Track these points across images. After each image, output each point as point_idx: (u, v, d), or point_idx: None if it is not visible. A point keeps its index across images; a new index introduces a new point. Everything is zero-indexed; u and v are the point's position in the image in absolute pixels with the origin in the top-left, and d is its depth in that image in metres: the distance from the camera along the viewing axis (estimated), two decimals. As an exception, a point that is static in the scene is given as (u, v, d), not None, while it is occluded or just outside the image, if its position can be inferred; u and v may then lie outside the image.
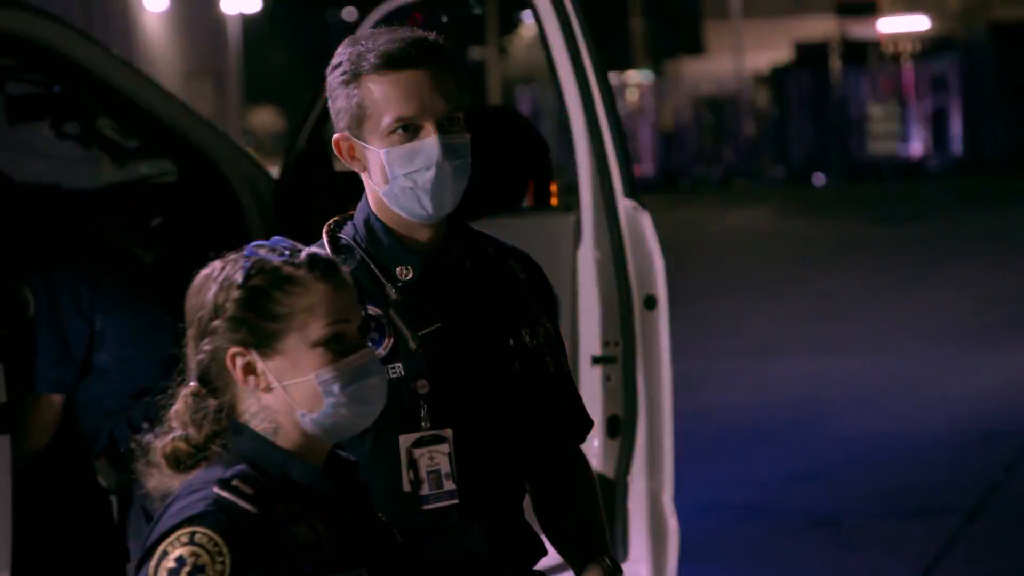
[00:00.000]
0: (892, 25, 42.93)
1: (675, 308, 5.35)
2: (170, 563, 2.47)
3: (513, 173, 6.59)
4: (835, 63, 35.13)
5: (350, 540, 2.62)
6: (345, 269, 2.69)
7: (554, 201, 6.47)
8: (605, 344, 5.23)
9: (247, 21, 37.26)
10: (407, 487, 3.03)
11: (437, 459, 3.04)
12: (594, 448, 5.23)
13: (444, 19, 6.56)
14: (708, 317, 14.65)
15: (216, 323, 2.63)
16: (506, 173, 6.55)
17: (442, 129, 3.05)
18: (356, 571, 2.60)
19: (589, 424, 3.34)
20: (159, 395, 2.72)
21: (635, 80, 39.22)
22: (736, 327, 14.64)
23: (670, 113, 35.42)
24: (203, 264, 5.73)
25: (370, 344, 2.91)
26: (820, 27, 41.07)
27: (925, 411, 10.72)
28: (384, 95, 3.04)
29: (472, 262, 3.19)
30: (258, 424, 2.64)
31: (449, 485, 3.04)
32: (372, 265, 3.11)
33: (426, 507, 3.02)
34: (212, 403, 2.64)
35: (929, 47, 35.57)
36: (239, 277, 2.64)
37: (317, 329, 2.63)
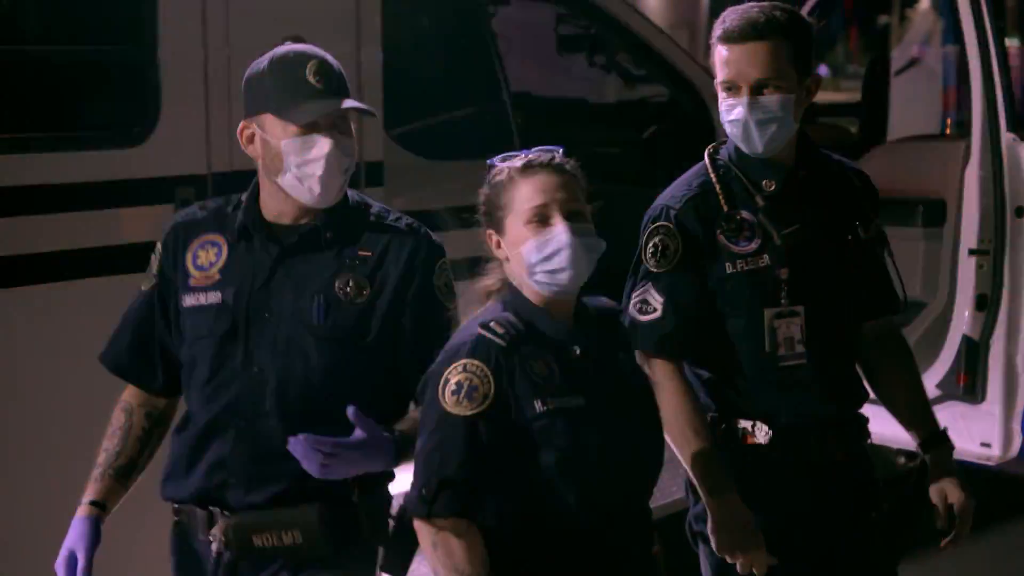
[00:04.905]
0: None
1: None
2: (452, 387, 2.38)
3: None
4: None
5: (578, 374, 2.44)
6: (565, 161, 2.49)
7: (948, 131, 6.10)
8: (981, 240, 4.92)
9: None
10: (767, 348, 2.85)
11: (792, 329, 2.85)
12: (965, 318, 4.98)
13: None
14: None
15: (478, 214, 2.54)
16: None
17: (753, 91, 2.79)
18: (576, 396, 2.41)
19: (902, 302, 3.09)
20: None
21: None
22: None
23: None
24: (683, 160, 5.52)
25: (744, 241, 2.84)
26: None
27: None
28: (721, 61, 2.83)
29: (819, 176, 2.94)
30: (517, 283, 2.50)
31: (799, 348, 2.85)
32: (744, 180, 2.89)
33: (781, 364, 2.84)
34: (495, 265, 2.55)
35: None
36: (487, 181, 2.53)
37: (522, 213, 2.43)
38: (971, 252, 4.93)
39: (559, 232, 2.40)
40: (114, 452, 2.69)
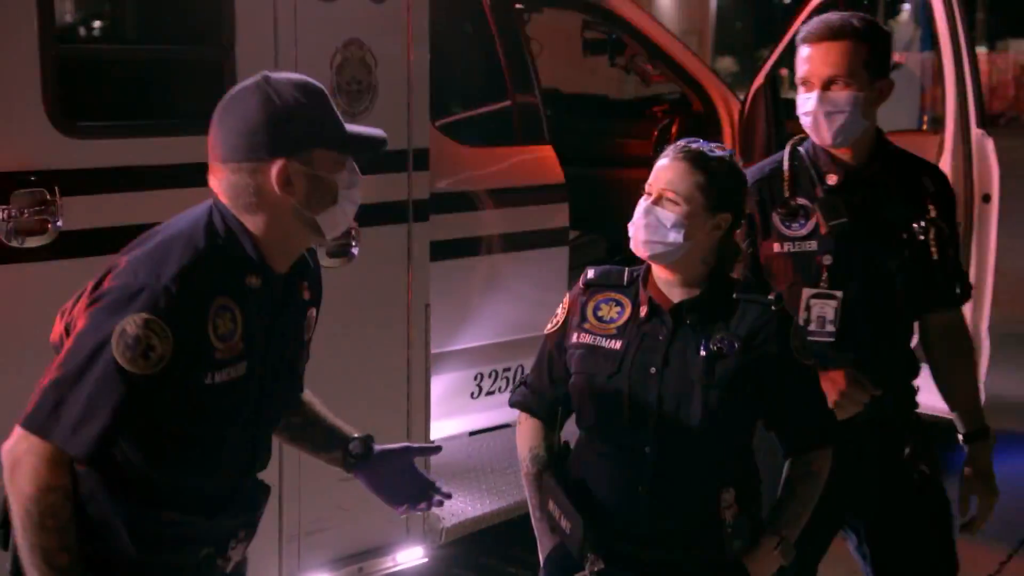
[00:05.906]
0: None
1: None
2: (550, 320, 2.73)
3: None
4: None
5: (644, 333, 2.56)
6: (707, 155, 2.55)
7: (924, 126, 6.22)
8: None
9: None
10: (801, 322, 2.86)
11: (826, 309, 2.87)
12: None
13: (865, 3, 6.27)
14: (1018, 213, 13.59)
15: None
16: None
17: (824, 87, 2.82)
18: (616, 340, 2.56)
19: (960, 298, 3.01)
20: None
21: (976, 51, 36.87)
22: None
23: (996, 74, 33.07)
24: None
25: (797, 225, 2.88)
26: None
27: None
28: (800, 59, 2.87)
29: (888, 175, 2.92)
30: None
31: (830, 328, 2.87)
32: (812, 171, 2.91)
33: (809, 339, 2.78)
34: None
35: None
36: None
37: None
38: (943, 233, 5.07)
39: (638, 207, 2.55)
40: (76, 547, 2.09)
